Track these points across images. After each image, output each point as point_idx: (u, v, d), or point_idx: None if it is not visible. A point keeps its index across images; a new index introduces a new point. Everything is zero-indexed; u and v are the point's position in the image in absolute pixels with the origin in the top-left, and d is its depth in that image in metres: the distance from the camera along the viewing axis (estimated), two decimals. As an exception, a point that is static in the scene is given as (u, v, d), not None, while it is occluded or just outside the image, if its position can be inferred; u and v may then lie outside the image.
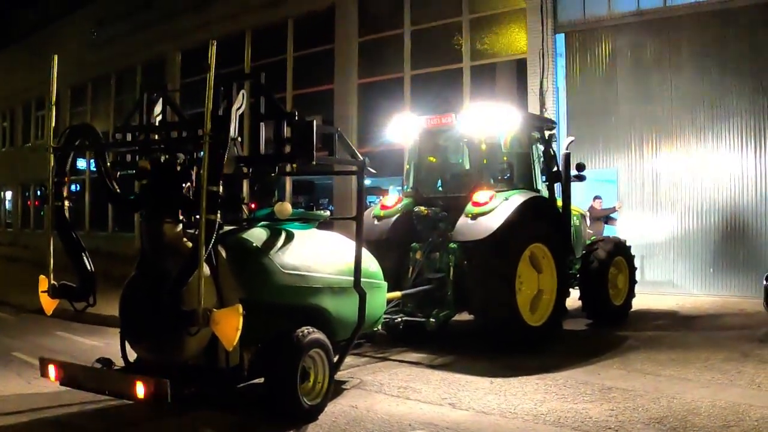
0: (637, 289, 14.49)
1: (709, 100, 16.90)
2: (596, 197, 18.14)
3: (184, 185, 7.57)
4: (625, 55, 18.03)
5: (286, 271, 8.02)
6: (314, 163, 7.84)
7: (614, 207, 17.96)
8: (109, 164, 8.12)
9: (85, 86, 35.42)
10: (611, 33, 18.10)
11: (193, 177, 7.58)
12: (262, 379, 7.89)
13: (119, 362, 8.09)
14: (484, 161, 12.47)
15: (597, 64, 18.31)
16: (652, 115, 17.59)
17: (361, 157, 8.98)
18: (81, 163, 32.08)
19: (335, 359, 8.44)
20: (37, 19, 41.77)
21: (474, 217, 11.03)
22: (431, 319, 11.38)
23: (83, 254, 8.09)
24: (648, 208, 17.79)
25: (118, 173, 8.34)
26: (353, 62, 22.98)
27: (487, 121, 12.05)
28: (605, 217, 18.11)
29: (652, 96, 17.63)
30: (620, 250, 14.02)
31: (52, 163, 8.06)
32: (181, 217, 7.64)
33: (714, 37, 16.88)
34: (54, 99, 8.43)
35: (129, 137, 8.13)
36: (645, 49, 17.81)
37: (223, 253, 7.71)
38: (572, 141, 13.48)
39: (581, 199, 18.41)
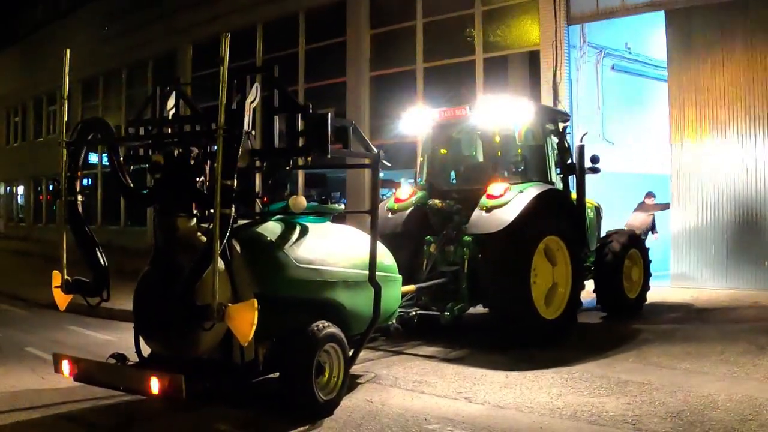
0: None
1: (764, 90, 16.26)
2: (649, 194, 18.12)
3: (197, 179, 7.54)
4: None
5: (301, 265, 7.99)
6: (329, 156, 7.81)
7: (668, 204, 17.70)
8: (121, 158, 8.09)
9: (97, 80, 35.46)
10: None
11: (207, 171, 7.55)
12: (277, 374, 7.87)
13: (133, 357, 8.08)
14: (498, 154, 12.44)
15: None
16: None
17: (376, 150, 8.94)
18: (93, 158, 32.20)
19: (350, 353, 8.42)
20: (48, 14, 41.85)
21: (488, 209, 10.98)
22: (446, 313, 11.34)
23: (96, 249, 8.06)
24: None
25: (131, 167, 8.33)
26: (365, 55, 22.91)
27: (501, 113, 12.01)
28: (652, 220, 18.13)
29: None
30: (635, 242, 13.94)
31: (64, 158, 8.04)
32: (194, 212, 7.62)
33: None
34: (66, 93, 8.40)
35: (142, 131, 8.12)
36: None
37: (238, 248, 7.68)
38: (586, 133, 13.42)
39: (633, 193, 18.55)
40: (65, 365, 7.75)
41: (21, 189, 45.69)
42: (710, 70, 16.75)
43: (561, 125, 12.83)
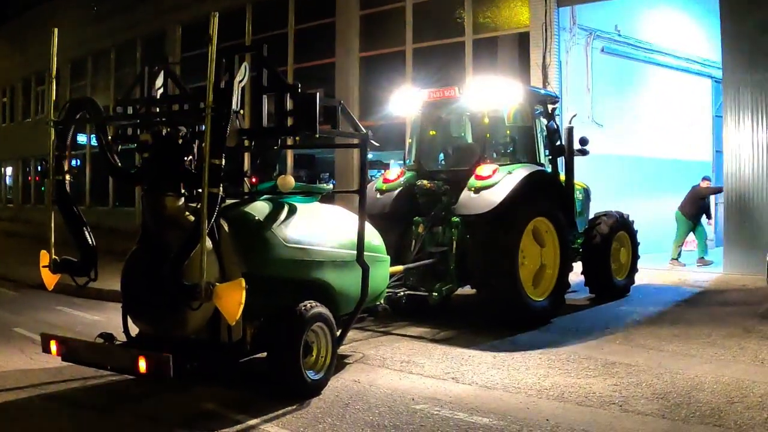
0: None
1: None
2: (705, 178, 18.21)
3: (186, 158, 7.52)
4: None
5: (289, 245, 7.98)
6: (317, 135, 7.79)
7: (721, 187, 17.49)
8: (110, 138, 8.07)
9: (85, 60, 35.23)
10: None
11: (195, 150, 7.54)
12: (264, 354, 7.88)
13: (121, 337, 8.07)
14: (487, 135, 12.42)
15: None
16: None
17: (364, 130, 8.93)
18: (81, 138, 32.02)
19: (338, 333, 8.44)
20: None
21: (477, 190, 10.98)
22: (434, 294, 11.34)
23: (84, 229, 8.06)
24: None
25: (120, 147, 8.31)
26: (355, 35, 22.78)
27: (490, 94, 11.99)
28: (706, 204, 18.25)
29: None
30: (623, 224, 13.95)
31: (52, 137, 8.02)
32: (183, 191, 7.60)
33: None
34: (54, 72, 8.37)
35: (130, 110, 8.10)
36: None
37: (226, 227, 7.67)
38: (575, 115, 13.42)
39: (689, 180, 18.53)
40: (53, 345, 7.74)
41: (9, 170, 45.45)
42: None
43: (550, 107, 12.80)
